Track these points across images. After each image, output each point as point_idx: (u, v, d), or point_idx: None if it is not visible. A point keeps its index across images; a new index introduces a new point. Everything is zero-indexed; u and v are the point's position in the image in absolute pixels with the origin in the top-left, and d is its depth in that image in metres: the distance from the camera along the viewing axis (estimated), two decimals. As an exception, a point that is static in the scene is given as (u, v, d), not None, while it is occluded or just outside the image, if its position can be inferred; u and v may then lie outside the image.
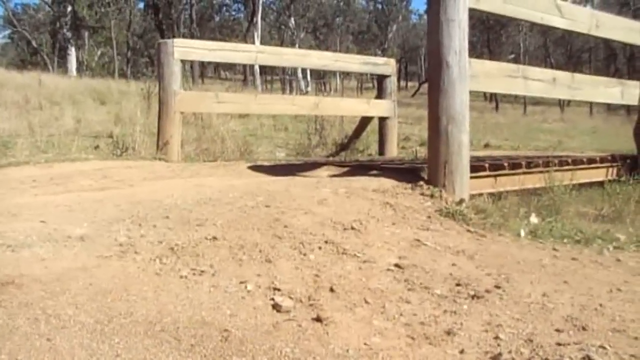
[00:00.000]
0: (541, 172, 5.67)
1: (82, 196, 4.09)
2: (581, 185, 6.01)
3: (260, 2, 47.51)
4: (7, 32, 54.44)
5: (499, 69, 5.20)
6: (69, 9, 40.71)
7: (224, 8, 59.90)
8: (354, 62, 9.51)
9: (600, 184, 6.34)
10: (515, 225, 4.11)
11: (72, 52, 40.76)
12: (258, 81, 42.83)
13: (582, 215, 5.04)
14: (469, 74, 4.53)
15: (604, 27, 6.27)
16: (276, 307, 2.31)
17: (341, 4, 61.04)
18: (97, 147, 9.40)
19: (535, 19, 5.54)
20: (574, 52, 56.03)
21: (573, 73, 6.06)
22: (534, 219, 4.38)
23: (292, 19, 53.12)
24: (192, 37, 44.76)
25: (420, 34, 65.14)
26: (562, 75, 5.89)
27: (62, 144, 9.22)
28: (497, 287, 2.75)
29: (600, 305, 2.63)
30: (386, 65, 9.13)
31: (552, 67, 45.47)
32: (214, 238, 2.96)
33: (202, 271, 2.59)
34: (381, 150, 9.06)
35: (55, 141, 9.41)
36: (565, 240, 3.92)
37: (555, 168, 5.79)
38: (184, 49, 7.34)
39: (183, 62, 7.68)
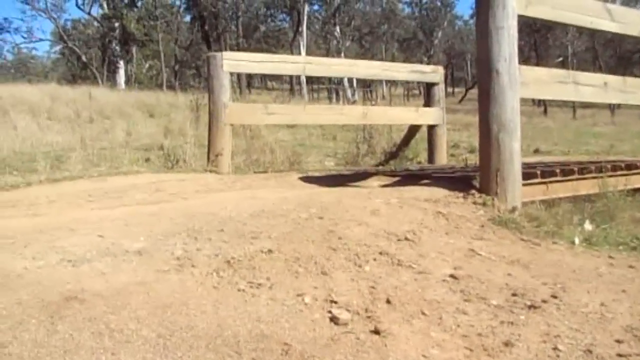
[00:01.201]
0: (594, 177, 5.60)
1: (137, 210, 4.16)
2: (636, 190, 5.93)
3: (305, 11, 47.75)
4: (59, 47, 55.60)
5: (550, 75, 5.15)
6: (117, 24, 41.31)
7: (269, 18, 60.13)
8: (402, 71, 9.50)
9: (656, 189, 6.24)
10: (569, 232, 4.08)
11: (121, 65, 41.42)
12: (304, 90, 43.01)
13: (638, 221, 4.96)
14: (519, 81, 4.52)
15: (657, 31, 6.17)
16: (334, 319, 2.33)
17: (386, 11, 60.90)
18: (148, 159, 9.54)
19: (584, 23, 5.49)
20: (623, 54, 55.15)
21: (625, 77, 5.97)
22: (588, 226, 4.34)
23: (338, 27, 53.18)
24: (238, 48, 45.18)
25: (466, 39, 64.78)
26: (614, 79, 5.81)
27: (114, 157, 9.39)
28: (554, 296, 2.74)
29: (661, 314, 2.60)
30: (434, 73, 9.10)
31: (600, 69, 44.86)
32: (269, 251, 2.99)
33: (259, 284, 2.62)
34: (430, 158, 9.03)
35: (107, 154, 9.60)
36: (620, 248, 3.87)
37: (609, 173, 5.71)
38: (233, 61, 7.41)
39: (231, 73, 7.76)
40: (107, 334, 2.08)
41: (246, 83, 46.57)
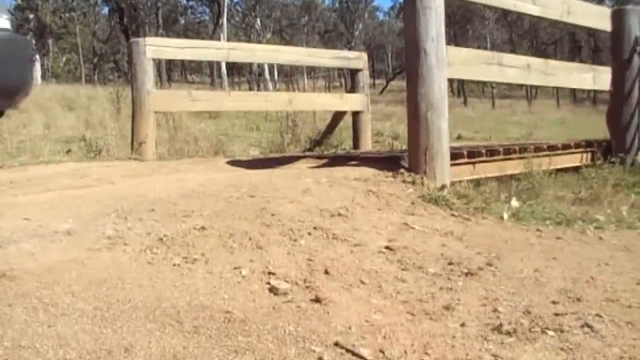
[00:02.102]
0: (520, 158, 5.72)
1: (63, 194, 4.04)
2: (558, 170, 6.07)
3: (226, 3, 47.41)
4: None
5: (476, 56, 5.23)
6: (32, 15, 40.29)
7: (189, 10, 59.61)
8: (326, 57, 9.51)
9: (576, 169, 6.41)
10: (497, 209, 4.15)
11: (37, 59, 40.42)
12: (225, 82, 42.77)
13: (561, 198, 5.09)
14: (447, 61, 4.56)
15: (576, 14, 6.34)
16: (273, 290, 2.31)
17: (306, 3, 61.01)
18: (69, 151, 9.32)
19: (508, 6, 5.59)
20: (539, 45, 56.46)
21: (547, 60, 6.11)
22: (514, 203, 4.42)
23: (258, 19, 53.04)
24: (158, 40, 44.52)
25: (386, 31, 65.42)
26: (536, 61, 5.94)
27: (34, 149, 9.12)
28: (489, 264, 2.79)
29: (592, 278, 2.68)
30: (358, 59, 9.13)
31: (518, 60, 45.82)
32: (203, 228, 2.94)
33: (195, 259, 2.57)
34: (356, 145, 9.06)
35: (26, 147, 9.33)
36: (547, 222, 3.97)
37: (533, 154, 5.84)
38: (156, 47, 7.29)
39: (154, 60, 7.63)
40: (41, 308, 2.01)
41: (166, 76, 46.01)
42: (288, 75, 50.01)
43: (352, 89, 9.21)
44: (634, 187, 5.75)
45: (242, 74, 54.34)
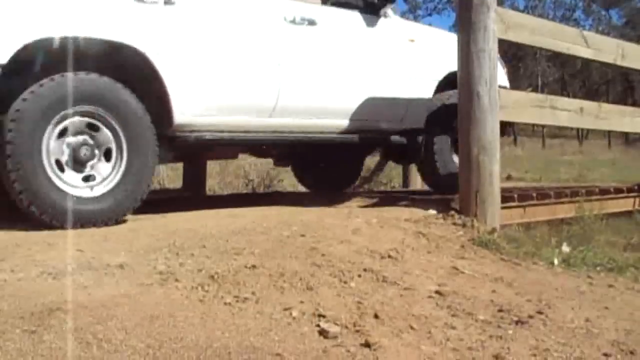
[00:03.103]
0: (570, 202, 5.67)
1: (115, 227, 4.11)
2: (610, 215, 6.00)
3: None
4: None
5: (528, 99, 5.23)
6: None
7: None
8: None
9: (629, 213, 6.33)
10: (547, 254, 4.12)
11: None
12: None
13: (612, 244, 5.03)
14: (499, 104, 4.56)
15: (630, 57, 6.30)
16: (323, 333, 2.31)
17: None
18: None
19: (561, 49, 5.58)
20: (591, 85, 55.86)
21: (600, 103, 6.07)
22: (565, 248, 4.38)
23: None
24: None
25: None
26: (590, 105, 5.91)
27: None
28: (540, 312, 2.76)
29: (645, 330, 2.63)
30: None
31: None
32: (253, 266, 2.96)
33: (245, 298, 2.59)
34: (405, 183, 9.05)
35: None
36: (598, 269, 3.93)
37: (584, 198, 5.78)
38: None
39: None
40: (95, 343, 2.04)
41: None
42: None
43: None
44: (687, 233, 5.66)
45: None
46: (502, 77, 5.57)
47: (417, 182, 8.94)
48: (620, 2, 58.30)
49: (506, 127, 5.75)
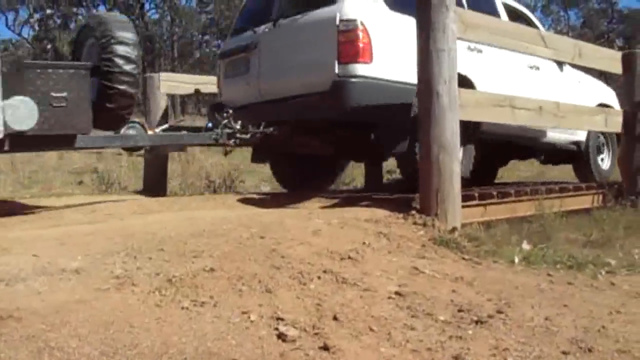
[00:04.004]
0: (530, 200, 5.70)
1: (72, 230, 4.05)
2: (569, 212, 6.05)
3: (240, 38, 47.64)
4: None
5: (488, 99, 5.24)
6: (49, 46, 40.61)
7: (205, 44, 59.97)
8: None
9: (588, 210, 6.39)
10: (508, 252, 4.13)
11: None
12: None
13: (572, 241, 5.06)
14: (459, 103, 4.57)
15: (587, 57, 6.38)
16: (281, 336, 2.29)
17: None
18: (81, 182, 9.37)
19: (520, 48, 5.61)
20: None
21: (558, 102, 6.12)
22: (525, 246, 4.40)
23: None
24: (173, 72, 44.92)
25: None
26: (548, 104, 5.94)
27: (46, 180, 9.17)
28: (499, 311, 2.76)
29: (603, 327, 2.65)
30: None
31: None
32: (212, 269, 2.93)
33: (203, 302, 2.56)
34: (367, 183, 9.04)
35: (39, 177, 9.37)
36: (558, 266, 3.94)
37: (544, 196, 5.82)
38: (171, 83, 7.36)
39: (168, 95, 7.68)
40: (47, 351, 2.00)
41: (180, 109, 46.21)
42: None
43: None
44: (646, 229, 5.72)
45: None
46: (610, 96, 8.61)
47: (380, 181, 8.97)
48: (578, 3, 59.18)
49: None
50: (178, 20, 49.29)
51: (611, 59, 6.96)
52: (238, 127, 5.96)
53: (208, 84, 8.17)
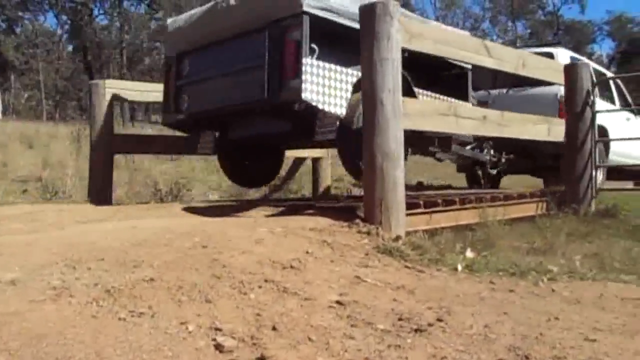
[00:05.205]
0: (475, 207, 5.76)
1: (11, 240, 3.98)
2: (513, 219, 6.13)
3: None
4: None
5: (432, 108, 5.29)
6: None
7: (154, 51, 59.51)
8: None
9: (532, 218, 6.48)
10: (451, 260, 4.15)
11: (-3, 94, 40.07)
12: (189, 124, 42.48)
13: (516, 248, 5.12)
14: (403, 112, 4.59)
15: (530, 67, 6.48)
16: (219, 347, 2.27)
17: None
18: (25, 191, 9.21)
19: (464, 58, 5.67)
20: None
21: (502, 111, 6.20)
22: (469, 254, 4.43)
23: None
24: (122, 79, 44.51)
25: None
26: (492, 113, 6.03)
27: (-11, 188, 8.99)
28: (439, 320, 2.77)
29: (541, 334, 2.67)
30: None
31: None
32: (152, 279, 2.90)
33: (141, 313, 2.53)
34: (315, 191, 9.08)
35: (-19, 186, 9.19)
36: (501, 273, 3.97)
37: (488, 204, 5.89)
38: (116, 90, 7.27)
39: (114, 102, 7.59)
40: (-26, 366, 1.96)
41: (129, 116, 45.75)
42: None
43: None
44: (587, 237, 5.83)
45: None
46: None
47: (327, 190, 9.01)
48: (525, 14, 60.29)
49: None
50: (127, 26, 48.82)
51: (554, 70, 7.09)
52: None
53: (157, 92, 8.12)
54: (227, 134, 6.89)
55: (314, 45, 5.46)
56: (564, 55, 9.84)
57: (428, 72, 6.54)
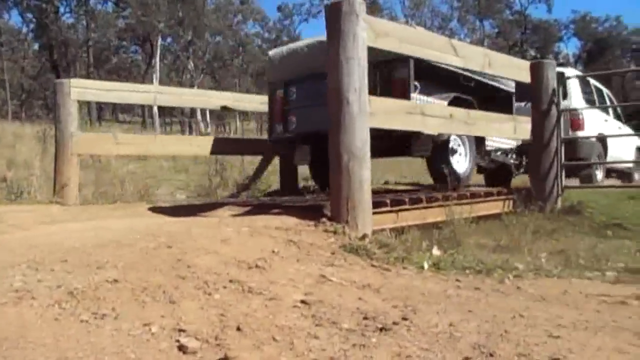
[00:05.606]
0: (441, 206, 5.78)
1: (-27, 242, 3.92)
2: (480, 217, 6.16)
3: (159, 44, 47.19)
4: None
5: (399, 107, 5.29)
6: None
7: (122, 50, 59.07)
8: (255, 102, 9.54)
9: (498, 215, 6.52)
10: (418, 258, 4.16)
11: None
12: (157, 123, 42.33)
13: (482, 246, 5.15)
14: (369, 111, 4.59)
15: (496, 66, 6.51)
16: (182, 348, 2.25)
17: (237, 45, 61.10)
18: (-12, 192, 9.06)
19: (431, 57, 5.68)
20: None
21: (468, 110, 6.24)
22: (436, 252, 4.45)
23: (191, 61, 52.80)
24: (89, 78, 44.08)
25: (319, 74, 65.63)
26: (459, 111, 6.05)
27: (-50, 190, 8.84)
28: (405, 318, 2.77)
29: (505, 331, 2.68)
30: (286, 104, 9.17)
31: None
32: (115, 281, 2.87)
33: (104, 315, 2.50)
34: (283, 190, 9.04)
35: (-57, 187, 9.03)
36: (467, 271, 3.99)
37: (455, 202, 5.91)
38: (81, 89, 7.21)
39: (80, 103, 7.52)
40: None
41: (97, 115, 45.37)
42: (220, 117, 49.79)
43: (280, 133, 9.22)
44: (553, 234, 5.89)
45: (173, 115, 53.95)
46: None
47: (295, 190, 8.98)
48: (492, 14, 60.80)
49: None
50: (94, 24, 48.38)
51: (520, 69, 7.14)
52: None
53: (124, 91, 8.06)
54: (321, 147, 7.17)
55: (416, 83, 6.65)
56: (572, 74, 10.77)
57: (486, 95, 7.90)
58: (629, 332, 2.76)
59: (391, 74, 6.73)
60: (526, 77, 7.11)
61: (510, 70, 7.04)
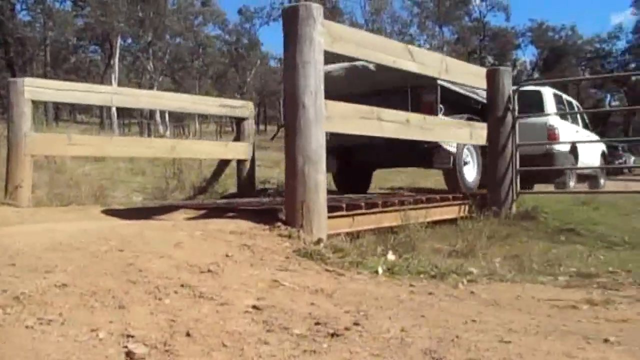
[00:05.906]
0: (397, 210, 5.80)
1: None
2: (436, 222, 6.19)
3: (118, 44, 46.80)
4: None
5: (355, 111, 5.29)
6: None
7: (80, 49, 58.45)
8: (212, 105, 9.52)
9: (454, 220, 6.57)
10: (372, 263, 4.16)
11: None
12: (115, 124, 41.98)
13: (437, 251, 5.18)
14: (325, 115, 4.59)
15: (453, 72, 6.56)
16: (129, 354, 2.21)
17: (196, 47, 60.90)
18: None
19: (387, 62, 5.69)
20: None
21: (424, 115, 6.27)
22: (390, 257, 4.46)
23: (150, 62, 52.46)
24: (46, 77, 43.49)
25: (278, 77, 65.87)
26: (415, 117, 6.09)
27: None
28: (356, 324, 2.76)
29: (457, 337, 2.68)
30: (243, 107, 9.16)
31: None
32: (64, 285, 2.82)
33: (50, 320, 2.45)
34: (240, 193, 9.02)
35: None
36: (421, 276, 4.00)
37: (410, 207, 5.93)
38: (36, 88, 7.09)
39: (35, 103, 7.40)
40: None
41: (53, 115, 44.78)
42: (179, 119, 49.54)
43: (237, 137, 9.22)
44: (507, 239, 5.95)
45: (132, 116, 53.54)
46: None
47: (252, 193, 8.97)
48: (452, 20, 61.43)
49: None
50: (52, 23, 47.77)
51: (476, 75, 7.22)
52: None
53: (80, 91, 7.95)
54: (347, 158, 9.39)
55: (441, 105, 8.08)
56: (548, 92, 12.05)
57: (476, 109, 9.13)
58: (579, 336, 2.78)
59: (421, 98, 8.06)
60: (482, 84, 7.18)
61: (467, 76, 7.11)
